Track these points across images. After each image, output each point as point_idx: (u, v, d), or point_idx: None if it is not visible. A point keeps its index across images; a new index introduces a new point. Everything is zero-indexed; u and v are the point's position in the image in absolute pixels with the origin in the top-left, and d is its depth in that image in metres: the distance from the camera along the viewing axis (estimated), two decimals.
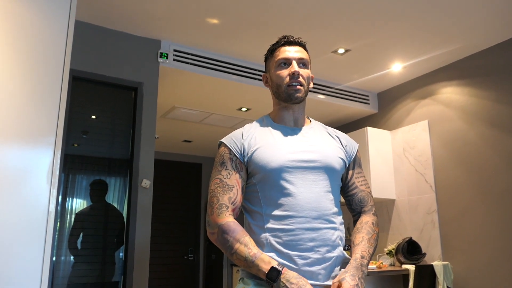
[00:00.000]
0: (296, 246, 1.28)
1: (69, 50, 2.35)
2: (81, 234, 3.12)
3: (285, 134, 1.43)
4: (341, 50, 3.62)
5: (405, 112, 4.30)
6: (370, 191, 1.52)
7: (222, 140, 1.44)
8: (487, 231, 3.41)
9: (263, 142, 1.39)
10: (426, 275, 3.43)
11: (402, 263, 3.67)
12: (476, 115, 3.63)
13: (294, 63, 1.44)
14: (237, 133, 1.45)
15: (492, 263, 3.35)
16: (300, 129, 1.46)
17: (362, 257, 1.30)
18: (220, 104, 4.24)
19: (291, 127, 1.46)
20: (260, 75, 3.79)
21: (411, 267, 3.46)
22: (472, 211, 3.54)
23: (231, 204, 1.33)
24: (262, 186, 1.36)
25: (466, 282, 3.50)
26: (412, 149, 4.14)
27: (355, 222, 1.48)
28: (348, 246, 1.39)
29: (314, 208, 1.32)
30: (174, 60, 3.40)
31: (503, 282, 3.26)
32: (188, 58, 3.48)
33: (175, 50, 3.43)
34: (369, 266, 3.47)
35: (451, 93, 3.87)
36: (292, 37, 1.50)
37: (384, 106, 4.55)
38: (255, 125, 1.48)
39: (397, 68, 3.99)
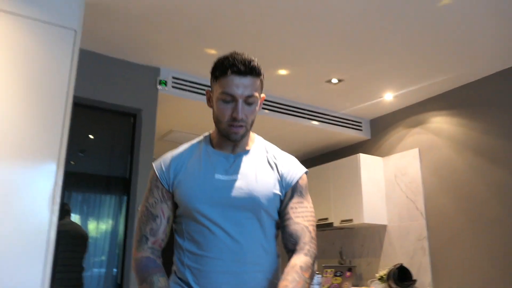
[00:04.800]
0: None
1: (73, 81, 2.46)
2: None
3: (216, 163, 1.30)
4: (334, 80, 3.74)
5: (396, 140, 4.41)
6: (310, 225, 1.30)
7: (153, 163, 1.35)
8: (476, 258, 3.48)
9: (189, 173, 1.29)
10: None
11: None
12: (465, 145, 3.74)
13: (239, 104, 1.25)
14: (166, 158, 1.34)
15: None
16: (234, 157, 1.32)
17: None
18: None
19: (226, 153, 1.32)
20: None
21: None
22: (462, 238, 3.62)
23: (152, 236, 1.27)
24: (185, 220, 1.29)
25: None
26: (403, 175, 4.23)
27: (288, 260, 1.28)
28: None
29: (236, 252, 1.23)
30: (173, 87, 3.51)
31: None
32: (186, 86, 3.58)
33: (174, 78, 3.54)
34: None
35: (440, 123, 3.99)
36: (244, 63, 1.24)
37: (377, 132, 4.67)
38: (189, 148, 1.36)
39: (389, 98, 4.12)
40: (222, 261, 1.23)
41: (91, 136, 3.53)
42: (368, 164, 4.37)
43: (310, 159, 5.54)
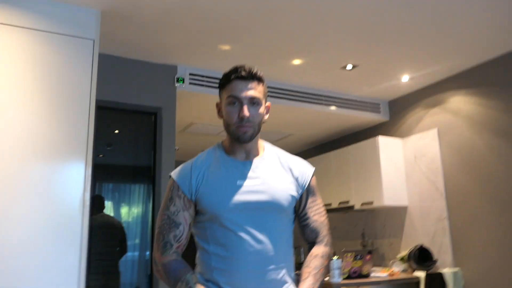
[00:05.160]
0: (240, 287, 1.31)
1: (94, 86, 2.63)
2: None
3: (235, 170, 1.40)
4: (349, 66, 3.76)
5: (415, 120, 4.42)
6: (325, 219, 1.49)
7: (172, 174, 1.43)
8: (497, 237, 3.52)
9: (211, 182, 1.38)
10: (436, 283, 3.57)
11: (414, 270, 3.81)
12: (483, 125, 3.73)
13: (245, 103, 1.36)
14: (186, 168, 1.42)
15: (502, 268, 3.46)
16: (251, 163, 1.42)
17: None
18: None
19: (242, 161, 1.42)
20: (271, 93, 3.97)
21: (421, 275, 3.60)
22: (482, 218, 3.65)
23: (176, 241, 1.35)
24: (210, 225, 1.36)
25: (477, 287, 3.62)
26: (423, 156, 4.25)
27: (308, 251, 1.47)
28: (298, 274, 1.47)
29: (259, 252, 1.33)
30: (190, 83, 3.61)
31: None
32: (203, 81, 3.68)
33: (190, 74, 3.64)
34: (380, 275, 3.63)
35: (459, 102, 3.97)
36: (246, 69, 1.38)
37: (395, 114, 4.67)
38: (206, 158, 1.44)
39: (406, 80, 4.11)
40: (248, 261, 1.32)
41: (116, 131, 3.73)
42: (387, 146, 4.40)
43: (330, 143, 5.60)
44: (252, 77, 1.38)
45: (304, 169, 1.49)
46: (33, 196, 2.32)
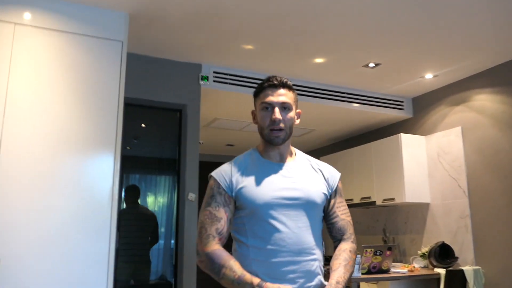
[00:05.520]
0: (278, 277, 1.42)
1: (123, 85, 2.77)
2: (117, 234, 3.52)
3: (271, 170, 1.53)
4: (371, 65, 3.78)
5: (439, 118, 4.39)
6: (350, 219, 1.63)
7: (212, 174, 1.56)
8: None
9: (250, 179, 1.50)
10: (457, 280, 3.58)
11: (434, 267, 3.83)
12: (508, 123, 3.69)
13: (276, 108, 1.51)
14: (226, 168, 1.56)
15: None
16: (284, 164, 1.56)
17: (337, 282, 1.42)
18: None
19: (277, 162, 1.56)
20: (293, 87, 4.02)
21: (442, 271, 3.61)
22: (504, 217, 3.63)
23: (218, 234, 1.45)
24: (249, 220, 1.48)
25: (498, 286, 3.61)
26: (446, 154, 4.23)
27: (335, 248, 1.60)
28: (328, 270, 1.58)
29: (295, 243, 1.45)
30: (214, 81, 3.71)
31: None
32: (226, 78, 3.78)
33: (214, 72, 3.74)
34: (400, 270, 3.67)
35: (484, 100, 3.93)
36: (277, 79, 1.55)
37: (419, 111, 4.65)
38: (243, 159, 1.58)
39: (429, 77, 4.09)
40: (285, 252, 1.44)
41: (143, 125, 3.88)
42: (409, 143, 4.40)
43: (352, 138, 5.62)
44: (283, 85, 1.55)
45: (333, 172, 1.65)
46: (66, 188, 2.48)
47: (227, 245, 1.51)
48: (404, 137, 4.39)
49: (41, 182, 2.41)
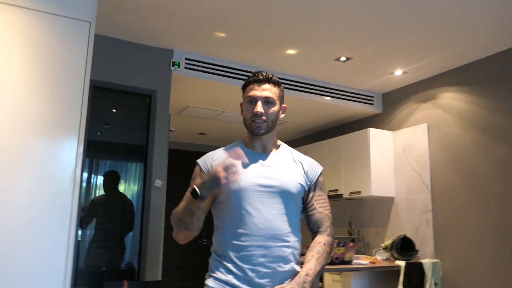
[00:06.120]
0: (249, 261, 1.49)
1: (89, 67, 2.70)
2: (94, 220, 3.49)
3: (252, 159, 1.61)
4: (343, 58, 3.82)
5: (407, 114, 4.49)
6: (329, 213, 1.67)
7: (198, 160, 1.66)
8: (478, 233, 3.63)
9: None
10: (416, 272, 3.69)
11: (395, 259, 3.93)
12: (472, 122, 3.80)
13: (259, 102, 1.59)
14: (209, 154, 1.67)
15: (479, 263, 3.57)
16: (267, 155, 1.64)
17: (307, 274, 1.47)
18: (229, 105, 4.51)
19: (260, 153, 1.64)
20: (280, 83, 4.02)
21: (402, 264, 3.72)
22: (465, 213, 3.76)
23: None
24: (226, 205, 1.56)
25: (455, 279, 3.75)
26: (412, 150, 4.34)
27: (312, 239, 1.65)
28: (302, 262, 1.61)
29: (268, 228, 1.51)
30: (185, 68, 3.68)
31: (488, 279, 3.49)
32: (198, 66, 3.74)
33: (186, 59, 3.70)
34: (362, 262, 3.75)
35: (450, 99, 4.04)
36: (263, 74, 1.63)
37: (388, 106, 4.74)
38: (229, 148, 1.68)
39: (399, 73, 4.17)
40: (257, 236, 1.51)
41: (114, 111, 3.82)
42: (377, 138, 4.49)
43: (323, 132, 5.68)
44: (268, 80, 1.63)
45: (314, 165, 1.71)
46: (24, 171, 2.40)
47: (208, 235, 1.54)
48: (373, 132, 4.47)
49: None
